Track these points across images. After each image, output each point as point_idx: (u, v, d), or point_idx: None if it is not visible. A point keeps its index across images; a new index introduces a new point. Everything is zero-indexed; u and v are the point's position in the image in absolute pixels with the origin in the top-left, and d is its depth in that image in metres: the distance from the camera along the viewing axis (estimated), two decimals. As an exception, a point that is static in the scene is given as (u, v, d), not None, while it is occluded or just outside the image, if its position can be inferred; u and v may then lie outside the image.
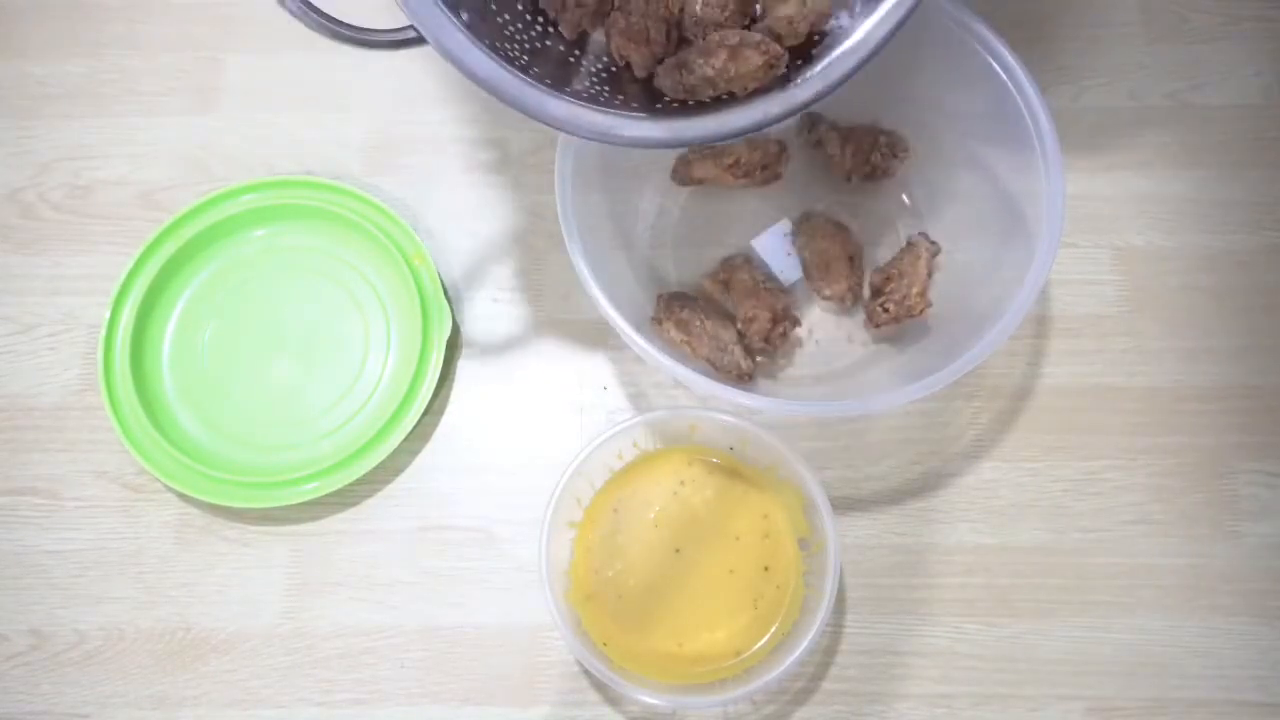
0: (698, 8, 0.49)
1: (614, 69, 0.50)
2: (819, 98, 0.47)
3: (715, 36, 0.47)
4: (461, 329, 0.60)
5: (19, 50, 0.67)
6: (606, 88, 0.48)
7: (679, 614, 0.52)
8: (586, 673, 0.53)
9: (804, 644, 0.49)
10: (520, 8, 0.49)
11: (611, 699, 0.53)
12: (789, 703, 0.53)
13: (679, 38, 0.49)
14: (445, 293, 0.59)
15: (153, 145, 0.64)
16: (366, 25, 0.44)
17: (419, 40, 0.44)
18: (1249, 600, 0.54)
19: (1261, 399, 0.57)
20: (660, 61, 0.49)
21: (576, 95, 0.46)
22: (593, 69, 0.49)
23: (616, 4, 0.49)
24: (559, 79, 0.47)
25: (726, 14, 0.48)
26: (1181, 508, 0.56)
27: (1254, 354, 0.58)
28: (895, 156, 0.58)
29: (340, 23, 0.44)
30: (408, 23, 0.44)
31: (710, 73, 0.46)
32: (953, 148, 0.58)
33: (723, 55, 0.46)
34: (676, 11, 0.49)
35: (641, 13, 0.48)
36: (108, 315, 0.58)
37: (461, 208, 0.62)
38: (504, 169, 0.63)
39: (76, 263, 0.62)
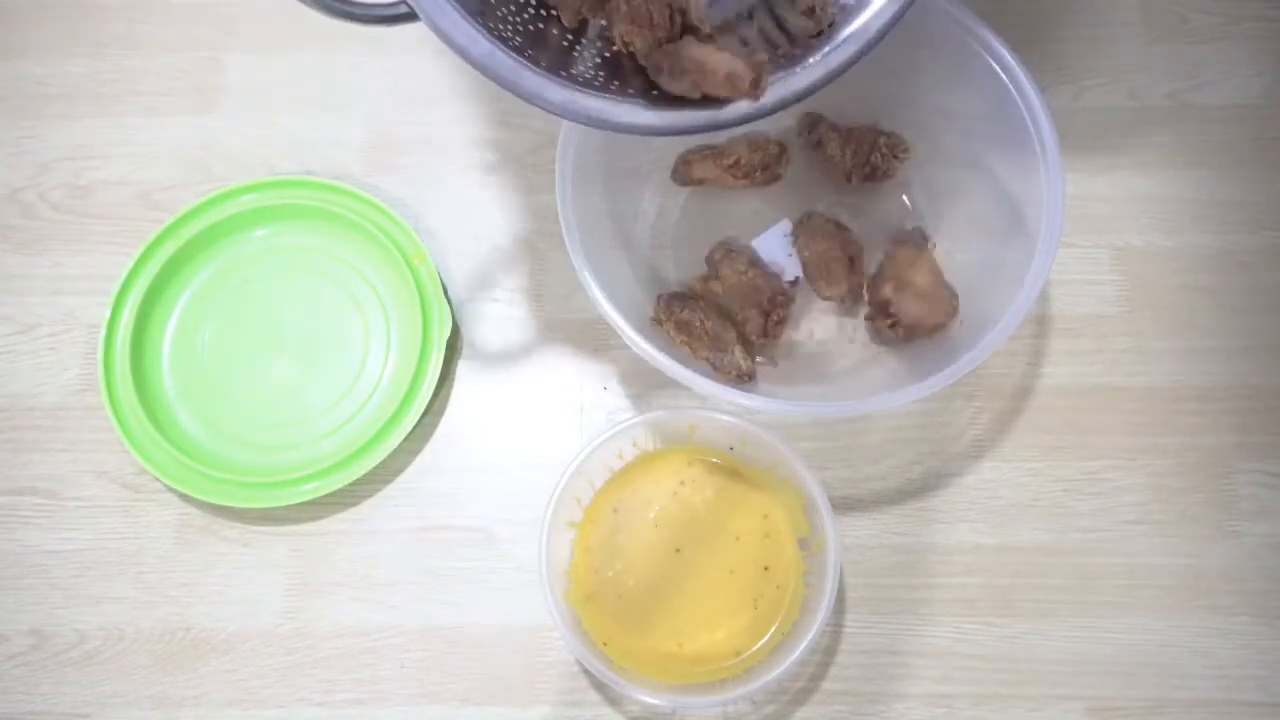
0: None
1: (607, 55, 0.49)
2: (818, 87, 0.46)
3: (686, 54, 0.46)
4: (461, 329, 0.60)
5: (19, 50, 0.67)
6: (603, 73, 0.48)
7: (679, 614, 0.52)
8: (586, 673, 0.53)
9: (804, 644, 0.49)
10: None
11: (611, 699, 0.53)
12: (789, 703, 0.53)
13: (683, 24, 0.48)
14: (445, 293, 0.59)
15: (153, 145, 0.64)
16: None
17: (410, 17, 0.43)
18: (1249, 600, 0.54)
19: (1261, 399, 0.57)
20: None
21: (573, 80, 0.46)
22: (591, 55, 0.49)
23: None
24: (556, 65, 0.46)
25: None
26: (1181, 508, 0.56)
27: (1254, 354, 0.58)
28: (895, 157, 0.58)
29: None
30: (399, -1, 0.43)
31: (685, 88, 0.46)
32: (953, 148, 0.58)
33: (685, 83, 0.45)
34: None
35: None
36: (108, 315, 0.58)
37: (461, 208, 0.62)
38: (504, 169, 0.63)
39: (76, 263, 0.62)
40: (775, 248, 0.60)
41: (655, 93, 0.48)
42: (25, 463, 0.58)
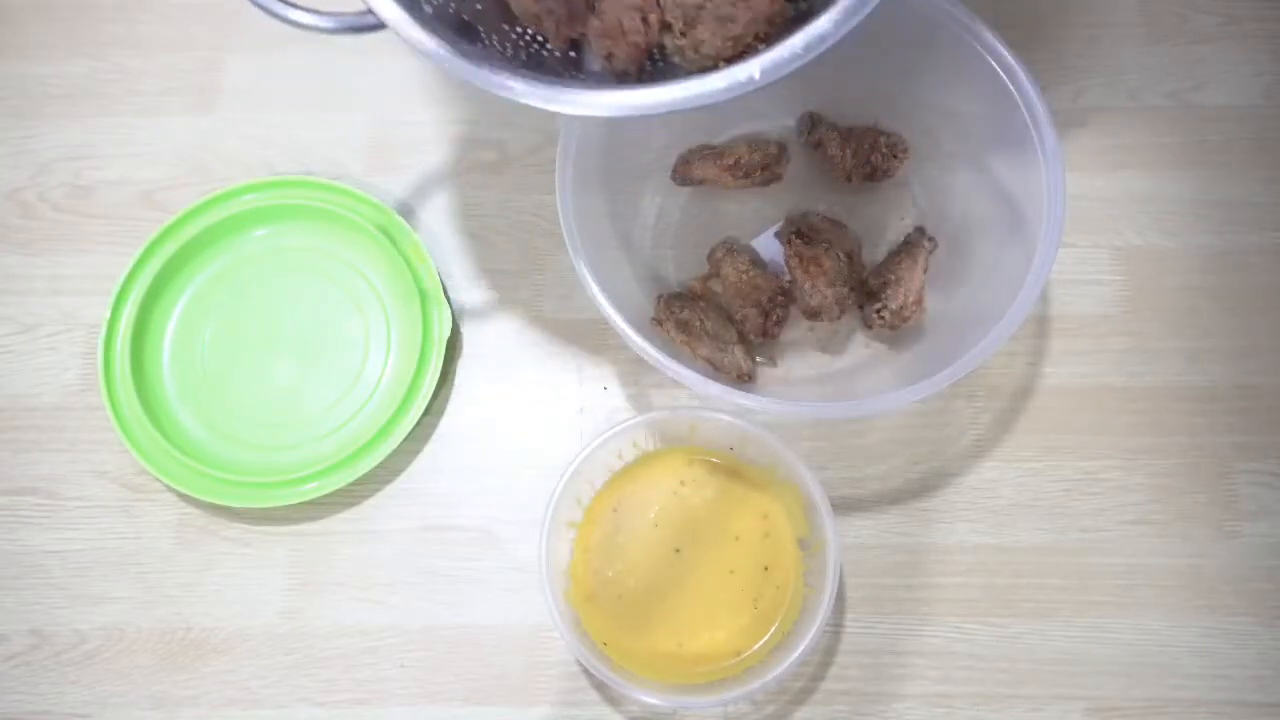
0: None
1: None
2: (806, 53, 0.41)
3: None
4: (461, 329, 0.60)
5: (20, 50, 0.67)
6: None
7: (679, 614, 0.52)
8: (586, 673, 0.53)
9: (804, 644, 0.49)
10: (509, 30, 0.48)
11: (611, 699, 0.53)
12: (789, 703, 0.53)
13: (660, 22, 0.47)
14: (445, 293, 0.59)
15: (153, 145, 0.64)
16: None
17: (379, 25, 0.45)
18: (1249, 600, 0.54)
19: (1261, 399, 0.57)
20: (647, 53, 0.47)
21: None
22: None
23: (593, 6, 0.47)
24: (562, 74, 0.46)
25: None
26: (1181, 508, 0.56)
27: (1254, 354, 0.58)
28: (895, 157, 0.58)
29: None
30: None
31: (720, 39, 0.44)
32: (953, 148, 0.58)
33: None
34: None
35: (614, 8, 0.46)
36: (108, 315, 0.58)
37: (462, 208, 0.62)
38: (504, 169, 0.63)
39: (76, 263, 0.62)
40: (775, 248, 0.60)
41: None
42: (25, 463, 0.58)
